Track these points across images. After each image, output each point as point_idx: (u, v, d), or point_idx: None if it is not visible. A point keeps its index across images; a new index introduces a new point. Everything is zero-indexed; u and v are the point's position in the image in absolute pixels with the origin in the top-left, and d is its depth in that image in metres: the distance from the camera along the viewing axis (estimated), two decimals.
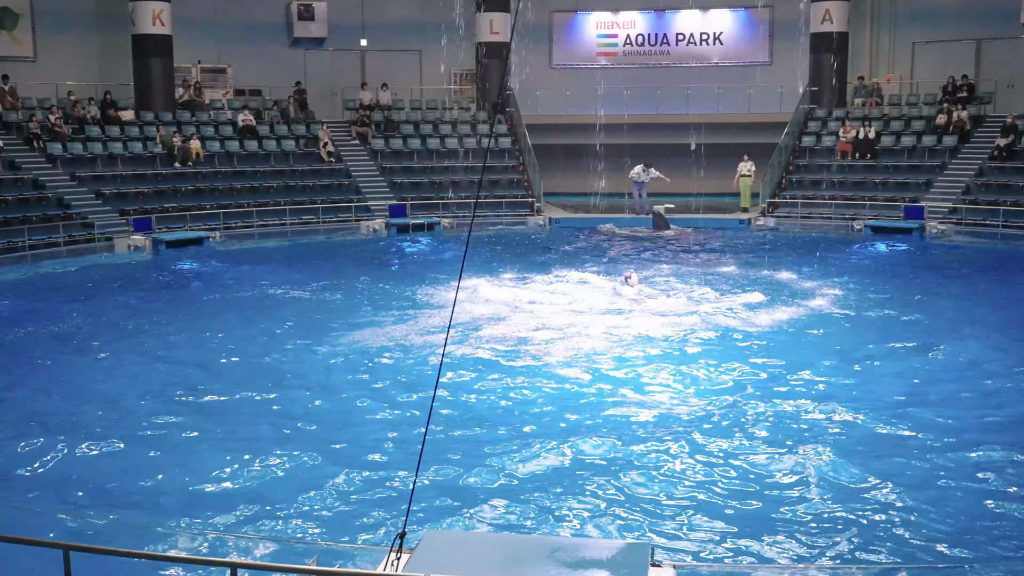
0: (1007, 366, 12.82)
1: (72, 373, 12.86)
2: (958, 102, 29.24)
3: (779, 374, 12.45)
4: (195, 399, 11.67)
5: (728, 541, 7.87)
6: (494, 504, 8.55)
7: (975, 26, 31.11)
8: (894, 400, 11.39)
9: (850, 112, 30.75)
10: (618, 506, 8.50)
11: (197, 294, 18.61)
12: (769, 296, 17.37)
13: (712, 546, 7.79)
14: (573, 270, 20.04)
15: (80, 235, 23.64)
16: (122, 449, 9.91)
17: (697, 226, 27.79)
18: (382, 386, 12.13)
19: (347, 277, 20.04)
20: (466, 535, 6.95)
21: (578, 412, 11.00)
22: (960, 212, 26.14)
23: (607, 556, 5.09)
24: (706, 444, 9.89)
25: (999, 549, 7.71)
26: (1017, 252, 22.80)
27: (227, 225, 25.86)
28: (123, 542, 7.63)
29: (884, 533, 7.96)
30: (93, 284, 19.59)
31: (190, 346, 14.30)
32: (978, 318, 15.71)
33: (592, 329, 14.73)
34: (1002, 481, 8.91)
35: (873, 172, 29.02)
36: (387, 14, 33.45)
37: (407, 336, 14.58)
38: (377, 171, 30.15)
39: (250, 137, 29.12)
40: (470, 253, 22.33)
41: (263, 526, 8.17)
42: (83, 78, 29.23)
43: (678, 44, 34.92)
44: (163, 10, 28.19)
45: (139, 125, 28.15)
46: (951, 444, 9.89)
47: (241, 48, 32.29)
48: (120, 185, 26.07)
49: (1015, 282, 19.21)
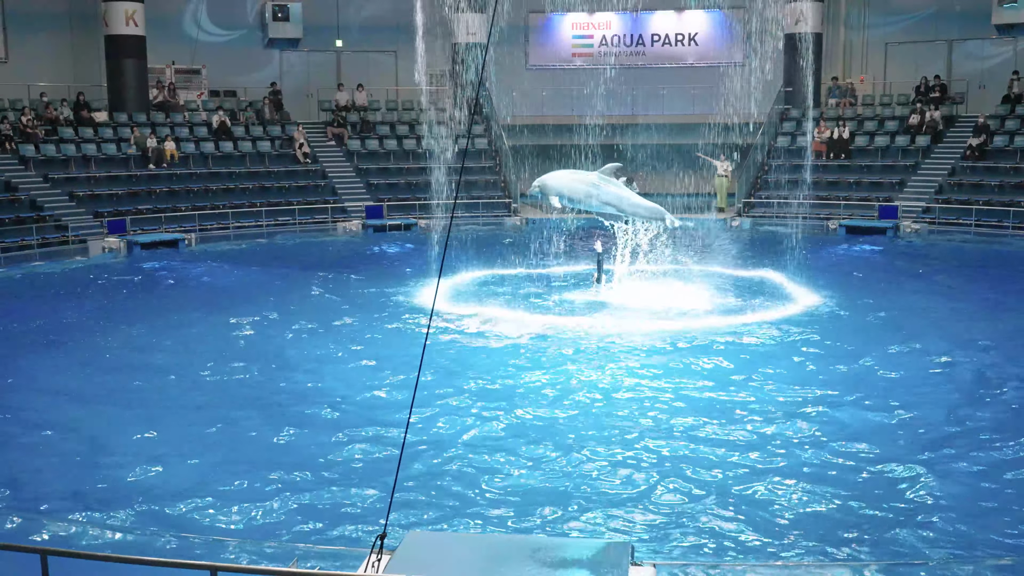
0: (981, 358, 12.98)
1: (36, 373, 12.76)
2: (931, 102, 29.50)
3: (761, 374, 12.48)
4: (169, 402, 11.59)
5: (709, 540, 7.90)
6: (475, 505, 8.55)
7: (947, 27, 31.41)
8: (881, 397, 11.47)
9: (824, 113, 30.96)
10: (599, 505, 8.51)
11: (167, 296, 18.46)
12: (745, 296, 17.47)
13: (692, 545, 7.81)
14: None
15: (54, 238, 23.43)
16: (97, 451, 9.83)
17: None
18: (361, 388, 12.10)
19: (323, 278, 19.98)
20: (447, 536, 6.95)
21: (561, 412, 11.01)
22: (933, 212, 26.37)
23: (588, 555, 5.11)
24: (687, 443, 9.93)
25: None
26: (990, 251, 23.05)
27: (202, 227, 25.71)
28: (101, 546, 7.58)
29: (872, 529, 8.03)
30: (67, 286, 19.44)
31: (160, 349, 14.20)
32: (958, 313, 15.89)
33: (570, 326, 14.80)
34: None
35: (847, 172, 29.24)
36: (362, 15, 33.38)
37: (387, 340, 14.57)
38: (353, 172, 30.07)
39: (225, 138, 28.97)
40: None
41: (243, 529, 8.13)
42: (56, 79, 28.98)
43: (653, 45, 35.04)
44: (136, 11, 28.01)
45: (112, 126, 27.94)
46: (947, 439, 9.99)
47: (215, 49, 32.13)
48: (94, 187, 25.86)
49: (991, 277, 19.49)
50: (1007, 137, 27.29)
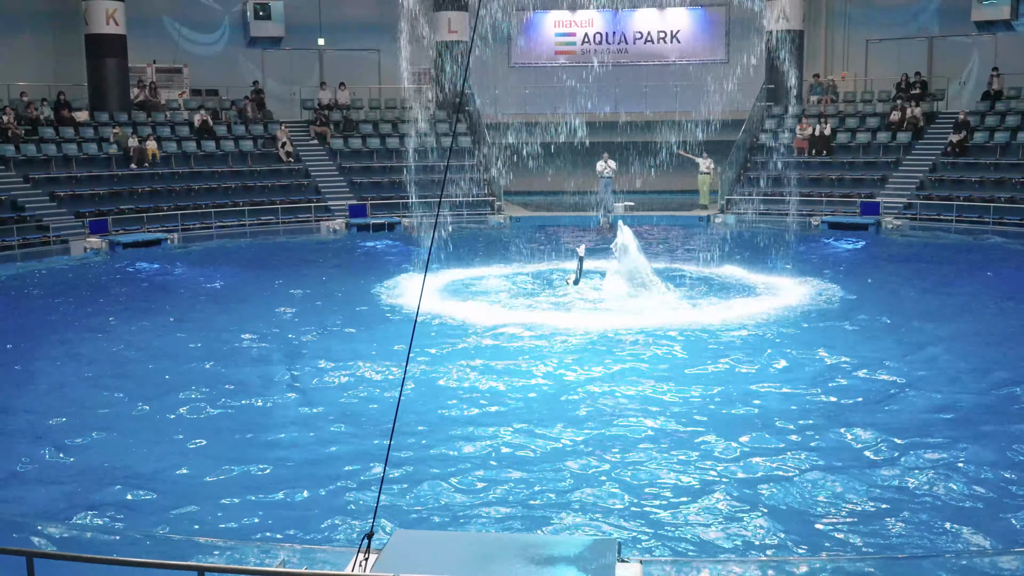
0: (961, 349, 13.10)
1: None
2: (911, 99, 29.67)
3: (748, 371, 12.53)
4: (153, 403, 11.55)
5: (696, 537, 7.93)
6: (463, 503, 8.56)
7: (927, 24, 31.61)
8: (870, 395, 11.54)
9: (806, 109, 31.10)
10: (587, 503, 8.53)
11: (148, 296, 18.37)
12: (728, 292, 17.55)
13: (679, 542, 7.85)
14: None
15: (35, 238, 23.29)
16: (78, 453, 9.79)
17: (656, 223, 27.97)
18: (344, 386, 12.10)
19: (307, 279, 19.95)
20: (434, 535, 6.95)
21: (549, 411, 11.02)
22: (915, 207, 26.53)
23: (575, 552, 5.12)
24: (674, 441, 9.97)
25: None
26: (971, 245, 23.21)
27: (185, 227, 25.61)
28: (87, 547, 7.55)
29: (858, 524, 8.08)
30: (45, 286, 19.34)
31: (144, 348, 14.15)
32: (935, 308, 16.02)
33: (561, 324, 14.87)
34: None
35: (829, 169, 29.38)
36: (345, 13, 33.29)
37: (371, 343, 14.57)
38: (336, 171, 30.01)
39: (207, 138, 28.86)
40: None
41: (229, 529, 8.11)
42: (36, 78, 28.80)
43: (636, 43, 35.12)
44: (117, 9, 27.85)
45: (94, 126, 27.78)
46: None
47: (197, 48, 32.00)
48: (75, 187, 25.70)
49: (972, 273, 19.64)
50: (987, 133, 27.47)
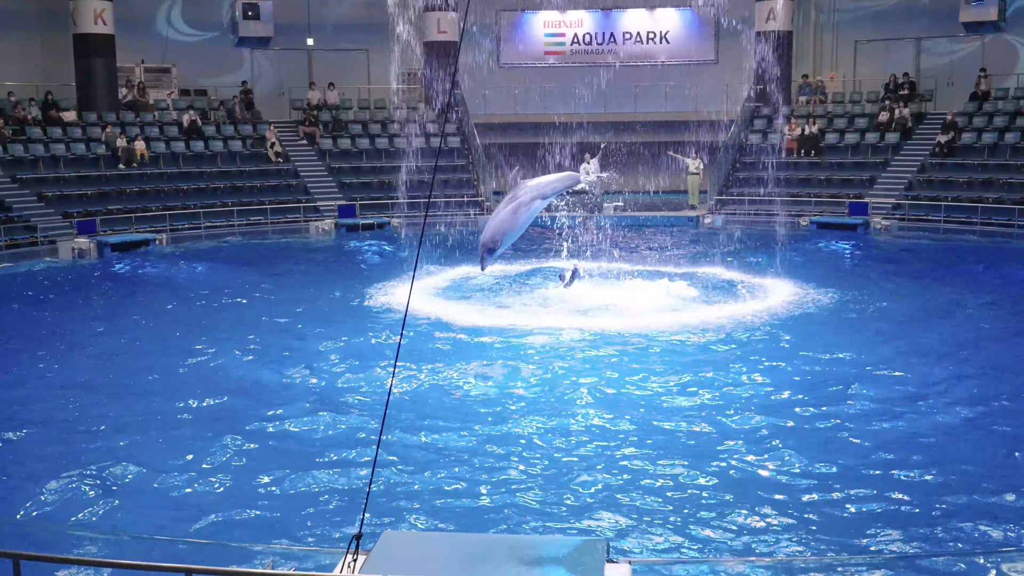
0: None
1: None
2: (900, 100, 29.78)
3: (736, 371, 12.57)
4: (141, 405, 11.51)
5: (684, 538, 7.94)
6: (451, 504, 8.55)
7: (915, 25, 31.73)
8: (860, 395, 11.57)
9: (795, 110, 31.17)
10: (576, 503, 8.54)
11: (137, 297, 18.32)
12: (718, 294, 17.58)
13: (668, 542, 7.86)
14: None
15: (22, 239, 23.18)
16: (66, 455, 9.75)
17: (646, 224, 27.99)
18: (336, 387, 12.08)
19: (295, 279, 19.91)
20: (423, 535, 6.95)
21: (537, 412, 11.03)
22: (903, 208, 26.61)
23: (564, 553, 5.12)
24: (663, 441, 9.98)
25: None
26: (958, 246, 23.30)
27: (173, 227, 25.52)
28: (73, 549, 7.53)
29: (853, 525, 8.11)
30: (32, 288, 19.26)
31: (132, 351, 14.11)
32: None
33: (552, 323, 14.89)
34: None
35: (818, 169, 29.46)
36: (334, 13, 33.27)
37: (360, 346, 14.56)
38: (325, 171, 29.95)
39: (196, 138, 28.78)
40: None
41: (217, 530, 8.09)
42: (24, 78, 28.67)
43: (625, 43, 35.15)
44: (105, 9, 27.75)
45: (82, 126, 27.66)
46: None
47: (185, 47, 31.92)
48: (63, 187, 25.59)
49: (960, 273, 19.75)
50: (975, 134, 27.57)
